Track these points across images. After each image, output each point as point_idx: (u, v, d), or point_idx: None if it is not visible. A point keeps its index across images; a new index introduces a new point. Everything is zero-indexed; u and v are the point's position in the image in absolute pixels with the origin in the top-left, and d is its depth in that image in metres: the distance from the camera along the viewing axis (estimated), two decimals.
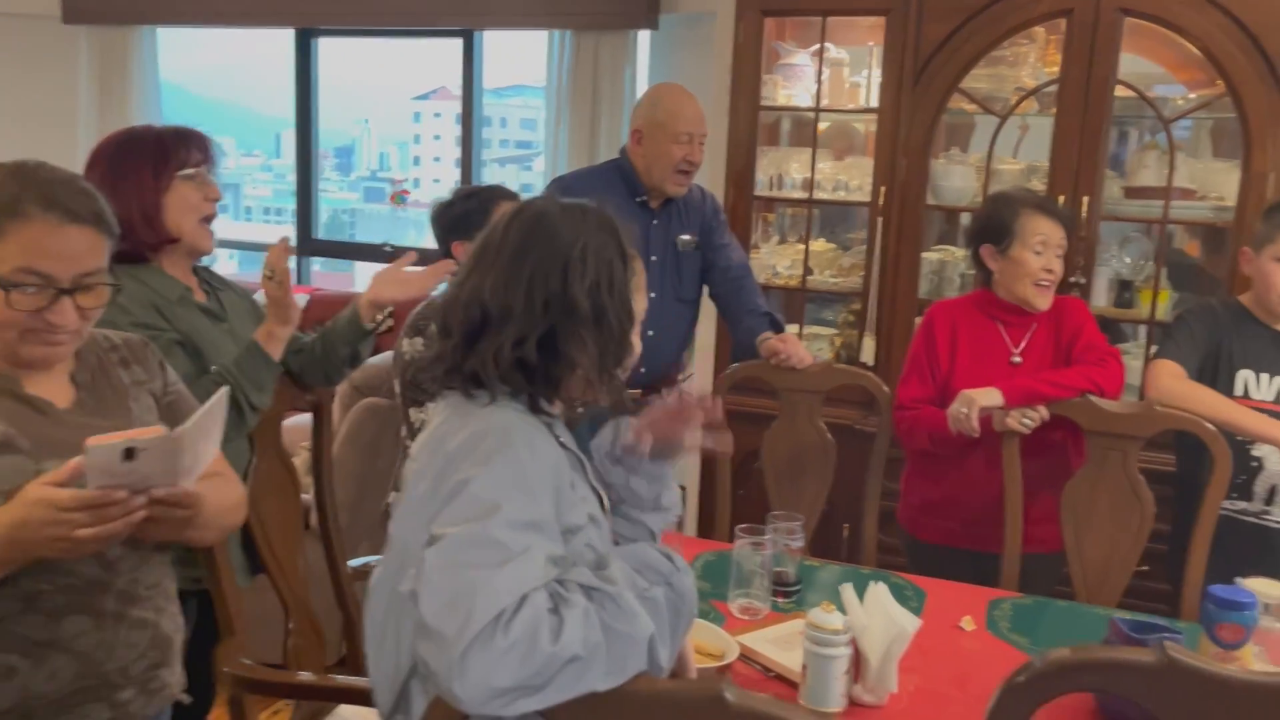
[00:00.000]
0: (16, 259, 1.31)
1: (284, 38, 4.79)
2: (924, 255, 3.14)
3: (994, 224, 2.33)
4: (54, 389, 1.43)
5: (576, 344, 1.22)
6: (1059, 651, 1.02)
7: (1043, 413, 2.21)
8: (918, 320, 3.07)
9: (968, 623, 1.88)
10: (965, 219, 3.36)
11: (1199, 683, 0.97)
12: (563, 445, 1.26)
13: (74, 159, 2.62)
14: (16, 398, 1.38)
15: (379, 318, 2.03)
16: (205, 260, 2.02)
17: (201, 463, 1.35)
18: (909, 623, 1.58)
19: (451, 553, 1.04)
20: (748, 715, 0.90)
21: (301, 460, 2.52)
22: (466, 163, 4.64)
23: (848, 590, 1.63)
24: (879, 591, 1.62)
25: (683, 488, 3.72)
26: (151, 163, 1.86)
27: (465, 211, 2.28)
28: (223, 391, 1.37)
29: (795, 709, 0.92)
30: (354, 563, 2.21)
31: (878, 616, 1.58)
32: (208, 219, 1.93)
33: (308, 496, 2.20)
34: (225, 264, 6.10)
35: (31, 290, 1.32)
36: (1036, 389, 2.20)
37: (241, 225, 8.52)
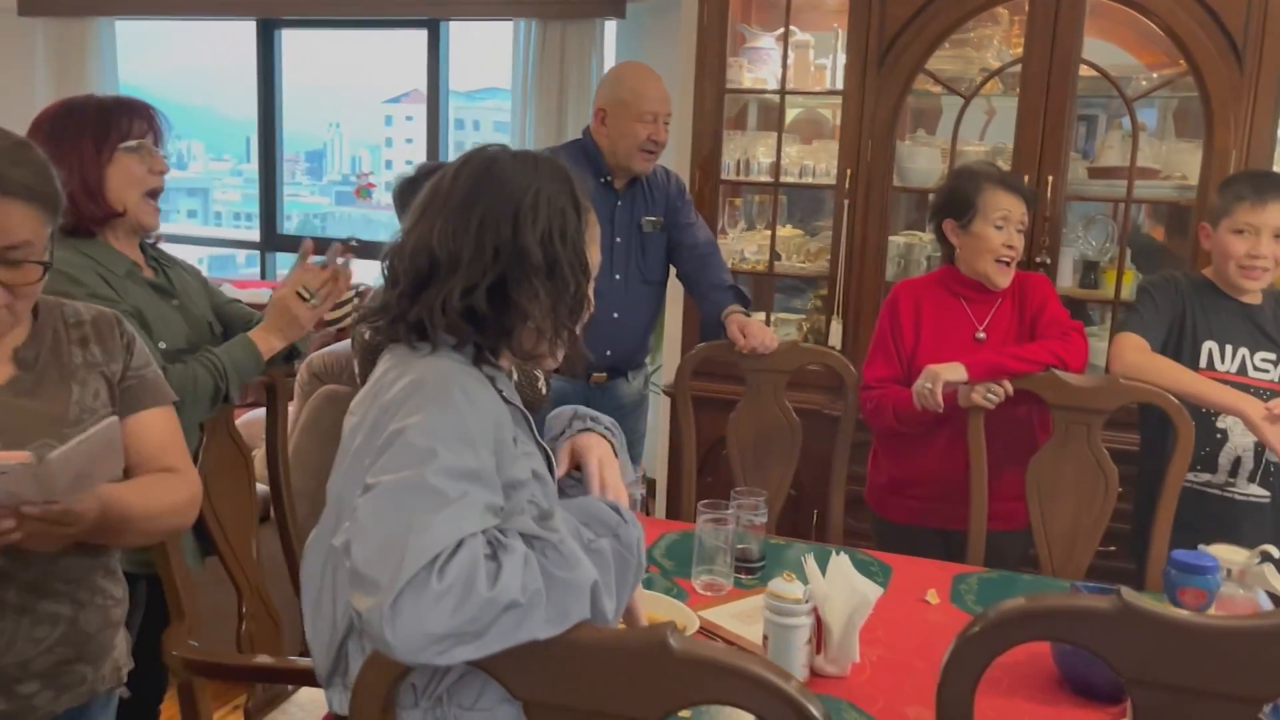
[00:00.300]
0: None
1: (251, 39, 4.72)
2: (891, 239, 3.13)
3: (956, 198, 2.32)
4: None
5: (528, 293, 1.18)
6: (1013, 600, 1.00)
7: (1007, 387, 2.20)
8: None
9: (932, 596, 1.86)
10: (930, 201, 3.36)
11: (1155, 627, 0.95)
12: (505, 400, 1.22)
13: None
14: None
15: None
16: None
17: (94, 481, 1.27)
18: (871, 591, 1.56)
19: (385, 499, 1.01)
20: (692, 661, 0.87)
21: (262, 452, 2.47)
22: (433, 157, 4.60)
23: (809, 561, 1.61)
24: (841, 562, 1.59)
25: (651, 480, 3.70)
26: (92, 134, 1.81)
27: None
28: (110, 422, 1.27)
29: (740, 654, 0.89)
30: None
31: (839, 586, 1.56)
32: (154, 193, 1.89)
33: (266, 487, 2.16)
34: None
35: None
36: (1000, 363, 2.19)
37: (211, 229, 8.45)
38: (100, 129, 1.81)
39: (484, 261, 1.18)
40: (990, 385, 2.19)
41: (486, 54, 4.83)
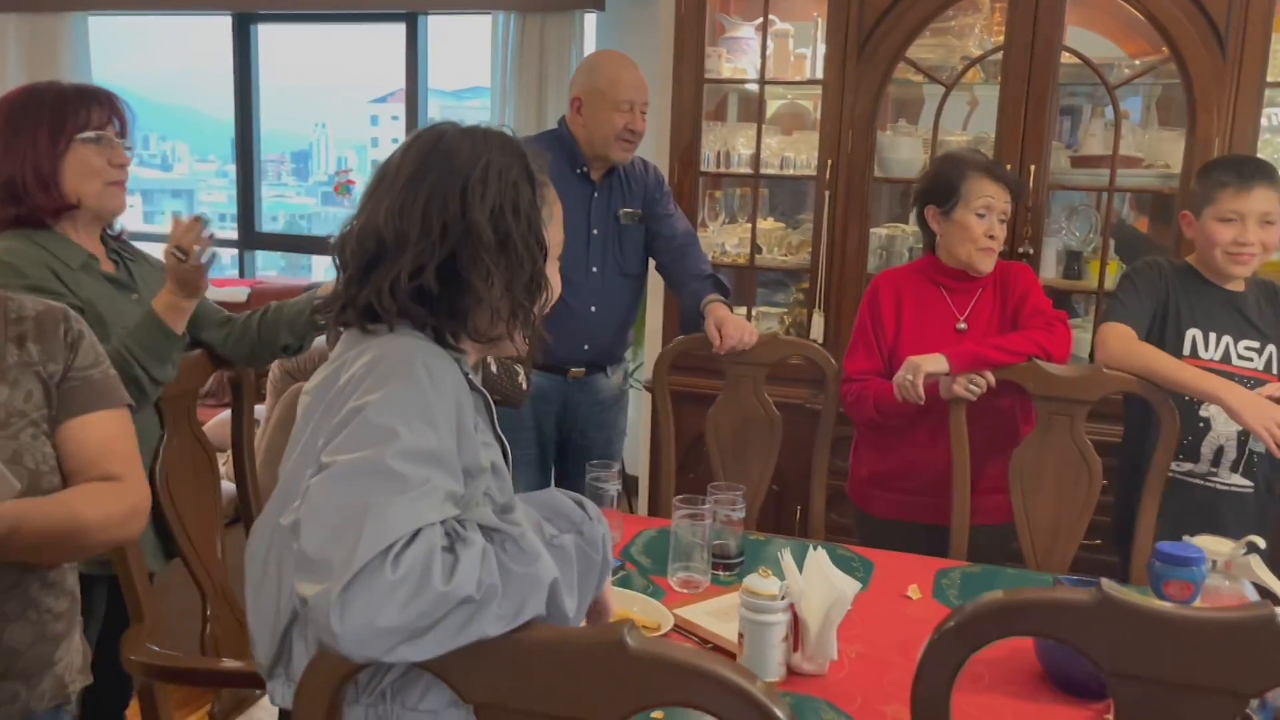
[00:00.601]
0: None
1: (228, 35, 4.66)
2: (873, 230, 3.09)
3: (939, 185, 2.28)
4: None
5: (479, 271, 1.12)
6: (990, 594, 0.96)
7: (989, 378, 2.16)
8: None
9: (914, 591, 1.82)
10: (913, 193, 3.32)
11: (1136, 620, 0.91)
12: (469, 382, 1.16)
13: None
14: None
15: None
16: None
17: None
18: (849, 587, 1.52)
19: (341, 480, 0.95)
20: (650, 661, 0.83)
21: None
22: None
23: (786, 556, 1.57)
24: (818, 557, 1.55)
25: (633, 477, 3.65)
26: (49, 123, 1.75)
27: None
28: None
29: (702, 654, 0.84)
30: None
31: (817, 582, 1.52)
32: (117, 184, 1.83)
33: (233, 486, 2.10)
34: None
35: None
36: (982, 354, 2.15)
37: None
38: (57, 118, 1.75)
39: (431, 239, 1.12)
40: (972, 376, 2.16)
41: (469, 52, 4.78)
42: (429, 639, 0.90)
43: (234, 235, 4.90)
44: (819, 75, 3.05)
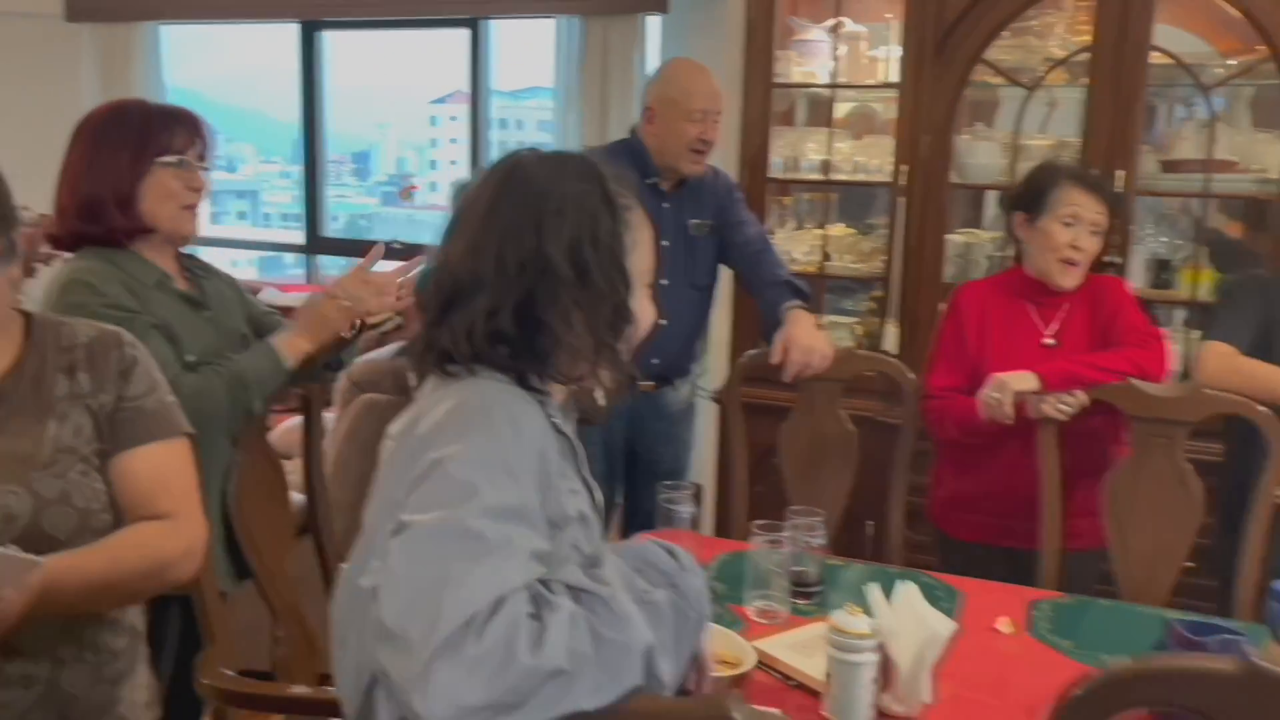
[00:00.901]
0: None
1: (294, 41, 4.69)
2: (948, 237, 3.00)
3: (1029, 191, 2.19)
4: None
5: (558, 310, 1.06)
6: (1120, 663, 0.88)
7: (1081, 398, 2.06)
8: (942, 306, 2.93)
9: (1006, 625, 1.74)
10: (990, 198, 3.22)
11: None
12: (556, 427, 1.11)
13: None
14: None
15: (357, 324, 1.87)
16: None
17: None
18: (943, 626, 1.44)
19: (419, 544, 0.91)
20: None
21: (299, 464, 2.41)
22: (477, 161, 4.54)
23: (874, 591, 1.49)
24: (909, 592, 1.48)
25: (699, 485, 3.59)
26: (132, 145, 1.74)
27: None
28: (28, 562, 1.10)
29: None
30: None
31: (908, 619, 1.44)
32: (190, 207, 1.82)
33: (302, 497, 2.09)
34: (242, 271, 6.06)
35: None
36: (1076, 372, 2.05)
37: (261, 231, 8.50)
38: (140, 140, 1.74)
39: (507, 278, 1.06)
40: (1063, 396, 2.06)
41: (529, 53, 4.76)
42: (520, 716, 0.85)
43: (297, 237, 4.95)
44: (893, 78, 2.96)
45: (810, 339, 2.27)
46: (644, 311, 1.19)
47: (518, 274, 1.06)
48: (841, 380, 2.33)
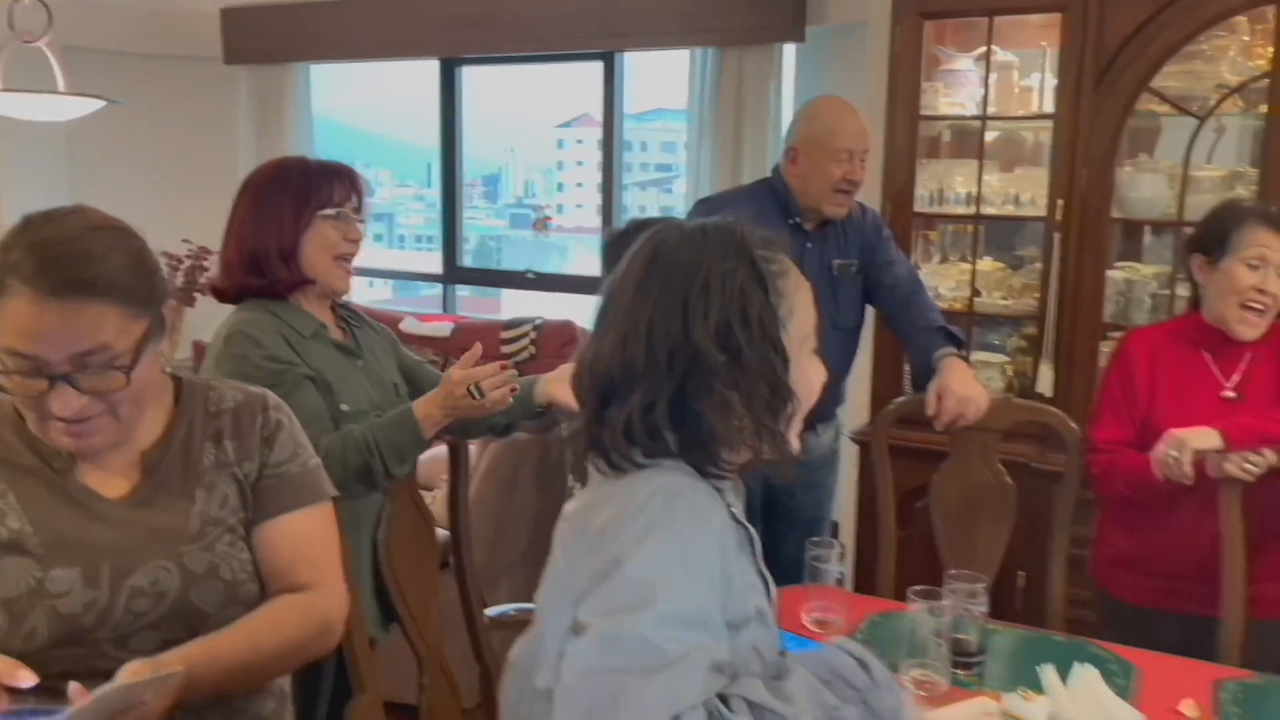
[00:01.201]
0: (2, 338, 1.12)
1: (431, 70, 4.83)
2: (1107, 274, 2.83)
3: (1211, 231, 2.04)
4: (114, 473, 1.26)
5: (712, 401, 1.01)
6: None
7: (1270, 457, 1.90)
8: (1103, 346, 2.77)
9: (1190, 708, 1.60)
10: (1149, 233, 3.04)
11: None
12: (734, 518, 1.06)
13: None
14: (55, 489, 1.22)
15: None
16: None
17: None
18: (1128, 717, 1.34)
19: (595, 653, 0.88)
20: None
21: (442, 493, 2.44)
22: (609, 186, 4.56)
23: (1050, 673, 1.40)
24: (1090, 679, 1.38)
25: (835, 523, 3.48)
26: (294, 200, 1.80)
27: None
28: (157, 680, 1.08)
29: None
30: (492, 612, 2.09)
31: (1089, 708, 1.34)
32: (345, 257, 1.86)
33: (445, 532, 2.11)
34: (379, 291, 6.27)
35: (19, 376, 1.13)
36: (1265, 429, 1.90)
37: (395, 253, 8.78)
38: (302, 194, 1.80)
39: (658, 370, 1.02)
40: (1249, 455, 1.90)
41: (656, 77, 4.77)
42: None
43: (431, 260, 5.06)
44: (1048, 109, 2.83)
45: (966, 389, 2.17)
46: (813, 372, 1.14)
47: (668, 366, 1.02)
48: (999, 430, 2.22)
